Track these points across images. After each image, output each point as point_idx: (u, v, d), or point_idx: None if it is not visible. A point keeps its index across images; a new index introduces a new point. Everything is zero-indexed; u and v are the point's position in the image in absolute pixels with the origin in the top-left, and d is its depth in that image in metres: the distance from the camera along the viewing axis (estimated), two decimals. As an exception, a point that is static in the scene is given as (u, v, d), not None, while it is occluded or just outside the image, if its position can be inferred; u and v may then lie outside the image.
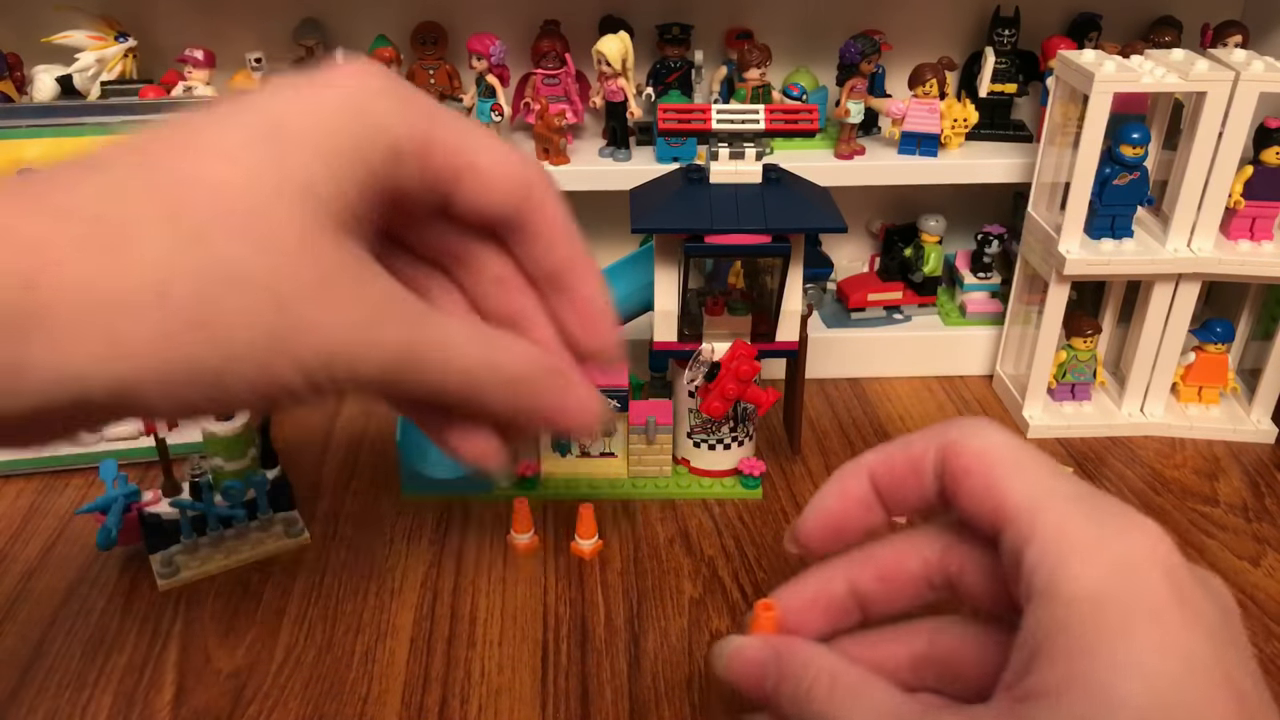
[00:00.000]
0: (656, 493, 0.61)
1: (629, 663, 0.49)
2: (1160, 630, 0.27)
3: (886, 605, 0.36)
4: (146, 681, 0.48)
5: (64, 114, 0.62)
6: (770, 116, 0.54)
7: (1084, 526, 0.29)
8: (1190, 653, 0.27)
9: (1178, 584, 0.28)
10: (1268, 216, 0.64)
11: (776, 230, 0.53)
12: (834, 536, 0.37)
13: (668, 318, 0.57)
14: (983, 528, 0.32)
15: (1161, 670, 0.27)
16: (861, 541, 0.36)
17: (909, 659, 0.35)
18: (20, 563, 0.55)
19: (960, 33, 0.76)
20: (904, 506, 0.35)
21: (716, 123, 0.53)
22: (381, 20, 0.71)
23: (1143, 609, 0.28)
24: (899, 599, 0.35)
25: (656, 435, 0.60)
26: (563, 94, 0.69)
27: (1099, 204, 0.63)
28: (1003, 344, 0.74)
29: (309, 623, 0.51)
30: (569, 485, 0.62)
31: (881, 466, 0.36)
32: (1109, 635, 0.27)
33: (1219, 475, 0.64)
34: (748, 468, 0.61)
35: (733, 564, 0.55)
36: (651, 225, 0.54)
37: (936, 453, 0.34)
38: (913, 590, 0.35)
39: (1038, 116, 0.72)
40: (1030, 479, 0.31)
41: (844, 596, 0.36)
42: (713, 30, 0.74)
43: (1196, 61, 0.61)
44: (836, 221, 0.54)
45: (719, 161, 0.54)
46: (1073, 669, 0.27)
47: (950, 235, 0.75)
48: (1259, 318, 0.71)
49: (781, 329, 0.57)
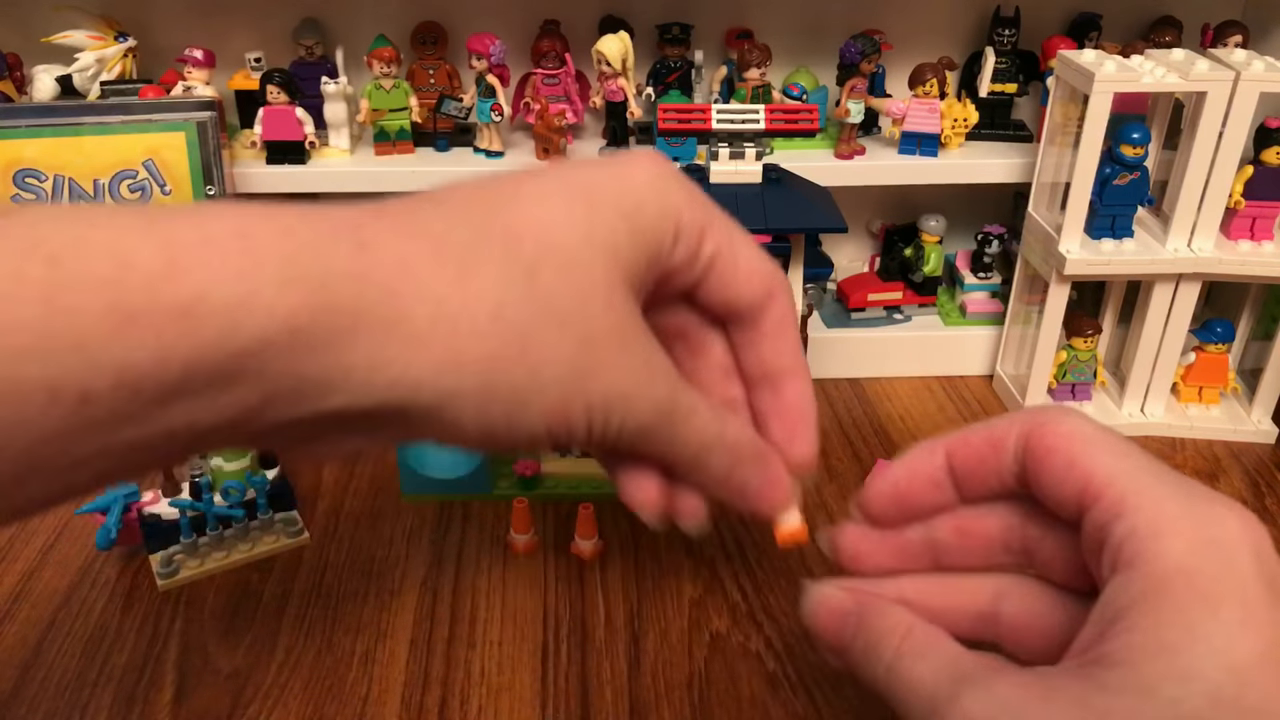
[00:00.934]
0: None
1: (629, 663, 0.49)
2: (1244, 609, 0.27)
3: (960, 559, 0.36)
4: (146, 681, 0.48)
5: (64, 114, 0.62)
6: (770, 116, 0.54)
7: (1176, 504, 0.29)
8: (1273, 635, 0.27)
9: (1267, 567, 0.28)
10: (1268, 216, 0.64)
11: (776, 230, 0.53)
12: (899, 509, 0.36)
13: None
14: (1066, 507, 0.32)
15: (1241, 648, 0.27)
16: (928, 518, 0.36)
17: (974, 613, 0.35)
18: (20, 562, 0.55)
19: (960, 33, 0.76)
20: (979, 487, 0.35)
21: (716, 122, 0.54)
22: (381, 20, 0.71)
23: (1230, 587, 0.28)
24: (973, 556, 0.36)
25: None
26: (563, 94, 0.69)
27: (1099, 204, 0.63)
28: (1003, 344, 0.74)
29: (309, 623, 0.51)
30: (570, 485, 0.62)
31: (959, 444, 0.35)
32: (1193, 609, 0.27)
33: (1219, 475, 0.64)
34: None
35: (733, 564, 0.55)
36: None
37: (1020, 433, 0.33)
38: (988, 551, 0.35)
39: (1038, 116, 0.72)
40: (1121, 457, 0.31)
41: (921, 542, 0.36)
42: (713, 30, 0.74)
43: (1196, 61, 0.61)
44: (836, 221, 0.54)
45: (719, 161, 0.54)
46: (1150, 638, 0.27)
47: (950, 235, 0.75)
48: (1259, 318, 0.71)
49: None
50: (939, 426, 0.69)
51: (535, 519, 0.57)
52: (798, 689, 0.47)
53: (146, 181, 0.62)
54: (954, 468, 0.35)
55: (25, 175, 0.61)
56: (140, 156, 0.62)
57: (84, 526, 0.57)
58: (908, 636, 0.33)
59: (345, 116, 0.68)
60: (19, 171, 0.61)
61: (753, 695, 0.47)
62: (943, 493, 0.36)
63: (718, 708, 0.46)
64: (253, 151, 0.68)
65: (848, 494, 0.61)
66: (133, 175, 0.62)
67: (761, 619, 0.52)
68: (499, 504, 0.60)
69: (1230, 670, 0.26)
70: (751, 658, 0.49)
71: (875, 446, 0.67)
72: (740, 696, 0.47)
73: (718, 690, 0.47)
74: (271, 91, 0.66)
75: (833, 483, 0.63)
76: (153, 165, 0.62)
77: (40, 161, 0.61)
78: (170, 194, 0.62)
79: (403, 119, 0.69)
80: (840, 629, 0.35)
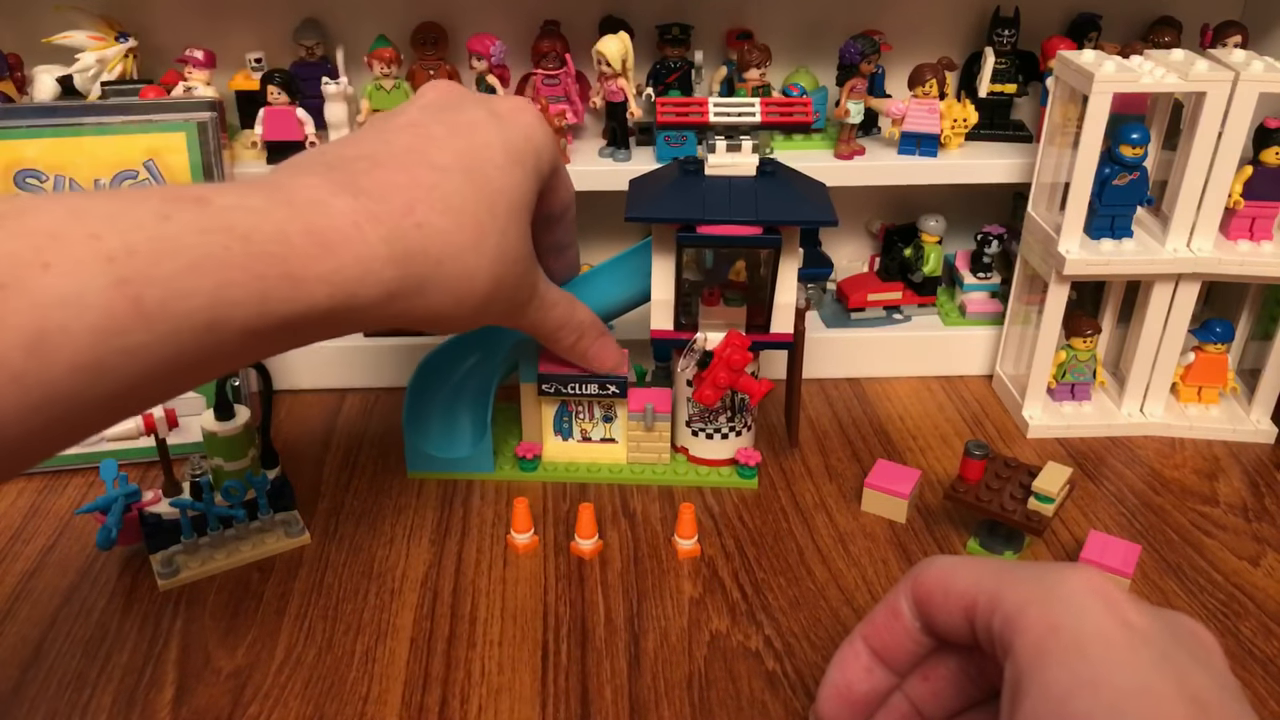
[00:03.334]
0: (655, 479, 0.62)
1: (629, 663, 0.49)
2: (1108, 650, 0.31)
3: (940, 705, 0.40)
4: (146, 681, 0.48)
5: (64, 114, 0.62)
6: (766, 109, 0.54)
7: (1030, 584, 0.34)
8: (1139, 669, 0.31)
9: (1120, 612, 0.32)
10: (1267, 216, 0.64)
11: (767, 222, 0.53)
12: (850, 707, 0.40)
13: (664, 307, 0.58)
14: (962, 631, 0.36)
15: (1113, 685, 0.30)
16: (876, 706, 0.40)
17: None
18: (20, 562, 0.55)
19: (960, 33, 0.76)
20: (901, 654, 0.39)
21: (713, 115, 0.54)
22: (381, 20, 0.71)
23: (1090, 634, 0.32)
24: (948, 699, 0.40)
25: (654, 422, 0.61)
26: (563, 94, 0.69)
27: (1099, 204, 0.63)
28: (1002, 344, 0.74)
29: (309, 622, 0.51)
30: (569, 469, 0.63)
31: (869, 628, 0.40)
32: (1064, 659, 0.31)
33: (1219, 475, 0.64)
34: (744, 458, 0.62)
35: (732, 563, 0.56)
36: (645, 214, 0.55)
37: (906, 591, 0.39)
38: (960, 687, 0.39)
39: (1037, 116, 0.72)
40: (982, 570, 0.36)
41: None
42: (713, 30, 0.74)
43: (1196, 62, 0.61)
44: (828, 215, 0.54)
45: (715, 154, 0.54)
46: (1040, 696, 0.31)
47: (950, 235, 0.75)
48: (1259, 318, 0.71)
49: (776, 321, 0.58)
50: (938, 426, 0.69)
51: (535, 519, 0.57)
52: (797, 688, 0.48)
53: (147, 181, 0.62)
54: (874, 649, 0.40)
55: (26, 175, 0.61)
56: (141, 157, 0.62)
57: (84, 526, 0.57)
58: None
59: (346, 117, 0.68)
60: (19, 172, 0.61)
61: (753, 695, 0.47)
62: (877, 675, 0.40)
63: (718, 707, 0.46)
64: (253, 152, 0.68)
65: (847, 494, 0.61)
66: (133, 175, 0.62)
67: (761, 619, 0.52)
68: (499, 504, 0.60)
69: (1108, 708, 0.30)
70: (751, 657, 0.49)
71: (875, 446, 0.67)
72: (740, 696, 0.47)
73: (718, 690, 0.47)
74: (272, 92, 0.66)
75: (832, 482, 0.63)
76: (153, 165, 0.62)
77: (41, 162, 0.61)
78: (170, 194, 0.62)
79: (403, 119, 0.69)
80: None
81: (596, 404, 0.62)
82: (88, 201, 0.33)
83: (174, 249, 0.33)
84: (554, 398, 0.61)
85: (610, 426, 0.63)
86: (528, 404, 0.62)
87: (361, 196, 0.40)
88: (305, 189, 0.39)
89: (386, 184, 0.42)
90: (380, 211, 0.40)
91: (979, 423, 0.70)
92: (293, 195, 0.39)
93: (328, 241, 0.38)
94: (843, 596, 0.53)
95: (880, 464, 0.61)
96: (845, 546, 0.57)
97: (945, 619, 0.37)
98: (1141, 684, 0.30)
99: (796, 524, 0.59)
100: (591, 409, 0.62)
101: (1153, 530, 0.59)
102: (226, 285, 0.35)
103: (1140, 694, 0.30)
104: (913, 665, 0.40)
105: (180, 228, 0.34)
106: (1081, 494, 0.62)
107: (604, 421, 0.62)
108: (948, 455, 0.66)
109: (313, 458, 0.65)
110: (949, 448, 0.67)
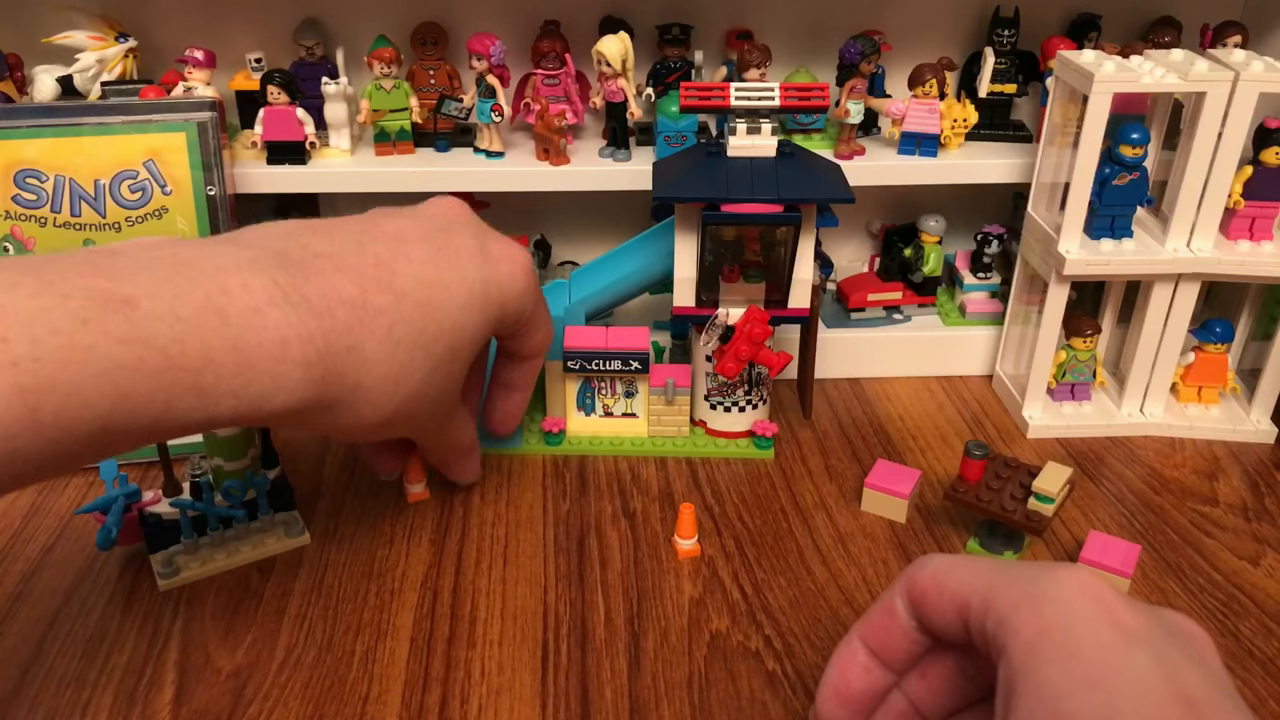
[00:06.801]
0: (675, 450, 0.65)
1: (629, 663, 0.49)
2: (1100, 651, 0.31)
3: (936, 703, 0.40)
4: (146, 681, 0.48)
5: (64, 114, 0.62)
6: (785, 94, 0.58)
7: (1023, 585, 0.34)
8: (1132, 670, 0.31)
9: (1112, 612, 0.32)
10: (1267, 216, 0.64)
11: (788, 200, 0.57)
12: (848, 706, 0.40)
13: (687, 284, 0.61)
14: (956, 630, 0.36)
15: (1106, 686, 0.30)
16: (875, 705, 0.40)
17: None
18: (20, 563, 0.55)
19: (960, 33, 0.76)
20: (897, 654, 0.39)
21: (735, 100, 0.58)
22: (381, 20, 0.71)
23: (1082, 635, 0.32)
24: (946, 696, 0.40)
25: (675, 397, 0.64)
26: (563, 94, 0.69)
27: (1099, 204, 0.63)
28: (1002, 344, 0.74)
29: (309, 623, 0.51)
30: (592, 443, 0.65)
31: (866, 627, 0.40)
32: (1056, 661, 0.31)
33: (1219, 475, 0.64)
34: (761, 429, 0.65)
35: (732, 563, 0.56)
36: (671, 194, 0.58)
37: (901, 591, 0.39)
38: (955, 685, 0.39)
39: (1037, 117, 0.72)
40: (976, 570, 0.36)
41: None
42: (713, 30, 0.74)
43: (1196, 62, 0.61)
44: (845, 193, 0.57)
45: (736, 136, 0.58)
46: (1034, 698, 0.31)
47: (950, 235, 0.75)
48: (1259, 318, 0.71)
49: (793, 296, 0.61)
50: (938, 426, 0.69)
51: (546, 517, 0.57)
52: (797, 689, 0.48)
53: (147, 182, 0.62)
54: (872, 648, 0.40)
55: (26, 175, 0.61)
56: (141, 157, 0.62)
57: (84, 526, 0.57)
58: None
59: (346, 117, 0.68)
60: (19, 172, 0.61)
61: (753, 695, 0.47)
62: (875, 674, 0.40)
63: (718, 707, 0.46)
64: (253, 152, 0.68)
65: (847, 494, 0.61)
66: (133, 175, 0.62)
67: (761, 619, 0.52)
68: (499, 504, 0.60)
69: (1102, 706, 0.30)
70: (751, 657, 0.49)
71: (875, 446, 0.67)
72: (740, 696, 0.47)
73: (718, 690, 0.47)
74: (272, 92, 0.66)
75: (832, 482, 0.63)
76: (153, 165, 0.62)
77: (41, 162, 0.61)
78: (170, 194, 0.62)
79: (403, 119, 0.69)
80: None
81: (619, 380, 0.64)
82: (10, 298, 0.33)
83: (84, 359, 0.34)
84: (578, 374, 0.64)
85: (631, 402, 0.65)
86: (552, 381, 0.64)
87: (301, 308, 0.40)
88: (244, 292, 0.39)
89: (335, 297, 0.42)
90: (315, 330, 0.41)
91: (979, 423, 0.70)
92: (228, 302, 0.38)
93: (249, 360, 0.38)
94: (843, 596, 0.53)
95: (880, 464, 0.61)
96: (845, 546, 0.57)
97: (939, 619, 0.37)
98: (1134, 684, 0.30)
99: (796, 524, 0.59)
100: (614, 385, 0.64)
101: (1153, 530, 0.59)
102: (130, 396, 0.35)
103: (1133, 694, 0.30)
104: (910, 664, 0.39)
105: (96, 336, 0.34)
106: (1081, 494, 0.62)
107: (625, 397, 0.65)
108: (948, 455, 0.66)
109: (313, 458, 0.65)
110: (949, 448, 0.67)
